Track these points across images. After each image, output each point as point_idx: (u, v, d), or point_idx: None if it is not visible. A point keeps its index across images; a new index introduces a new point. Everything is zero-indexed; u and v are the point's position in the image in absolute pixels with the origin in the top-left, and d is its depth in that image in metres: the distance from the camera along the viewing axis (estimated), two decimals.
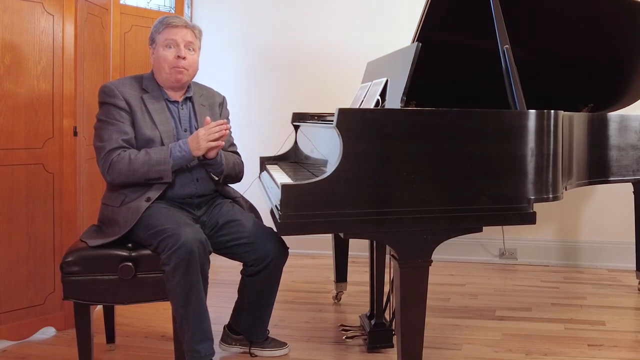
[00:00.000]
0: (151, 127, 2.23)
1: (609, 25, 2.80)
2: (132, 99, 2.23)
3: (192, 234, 2.03)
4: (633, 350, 2.50)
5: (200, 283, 2.05)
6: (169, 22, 2.28)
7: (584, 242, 3.84)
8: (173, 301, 2.06)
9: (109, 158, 2.15)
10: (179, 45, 2.26)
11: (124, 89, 2.24)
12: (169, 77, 2.28)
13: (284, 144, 3.02)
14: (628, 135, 2.89)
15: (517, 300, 3.15)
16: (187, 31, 2.29)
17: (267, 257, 2.27)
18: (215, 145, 2.19)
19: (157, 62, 2.30)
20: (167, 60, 2.26)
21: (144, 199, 2.16)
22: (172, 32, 2.26)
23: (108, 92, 2.22)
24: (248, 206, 2.47)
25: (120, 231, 2.12)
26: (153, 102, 2.27)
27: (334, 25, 4.07)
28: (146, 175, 2.15)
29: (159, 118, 2.26)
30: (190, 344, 2.06)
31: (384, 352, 2.45)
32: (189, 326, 2.05)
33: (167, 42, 2.27)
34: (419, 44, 2.00)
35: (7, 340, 2.50)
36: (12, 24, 2.41)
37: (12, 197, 2.45)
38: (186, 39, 2.28)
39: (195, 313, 2.05)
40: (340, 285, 3.10)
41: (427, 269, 1.87)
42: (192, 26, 2.34)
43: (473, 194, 1.85)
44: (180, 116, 2.33)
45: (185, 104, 2.36)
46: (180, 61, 2.26)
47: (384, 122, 1.80)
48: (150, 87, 2.30)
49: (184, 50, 2.27)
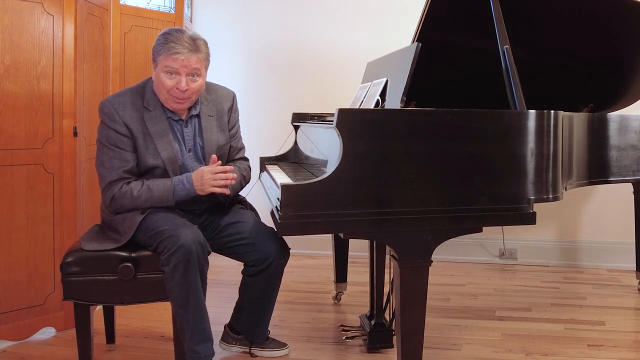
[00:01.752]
0: (153, 155, 2.15)
1: (609, 25, 2.80)
2: (132, 123, 2.13)
3: (191, 235, 2.03)
4: (633, 350, 2.50)
5: (199, 284, 2.05)
6: (170, 49, 2.07)
7: (584, 242, 3.84)
8: (173, 301, 2.07)
9: (110, 192, 2.14)
10: (180, 74, 2.09)
11: (125, 113, 2.13)
12: (167, 101, 2.16)
13: (284, 144, 3.02)
14: (628, 135, 2.89)
15: (517, 300, 3.15)
16: (191, 57, 2.09)
17: (269, 258, 2.27)
18: (219, 192, 2.14)
19: (157, 82, 2.15)
20: (166, 87, 2.11)
21: (139, 212, 2.15)
22: (173, 61, 2.08)
23: (108, 115, 2.13)
24: (250, 209, 2.46)
25: (121, 238, 2.13)
26: (155, 124, 2.16)
27: (334, 25, 4.07)
28: (146, 207, 2.15)
29: (161, 143, 2.16)
30: (190, 344, 2.06)
31: (384, 353, 2.45)
32: (188, 327, 2.06)
33: (167, 68, 2.10)
34: (419, 44, 2.00)
35: (7, 341, 2.50)
36: (12, 24, 2.41)
37: (12, 197, 2.45)
38: (190, 67, 2.09)
39: (195, 313, 2.05)
40: (340, 286, 3.10)
41: (427, 269, 1.87)
42: (197, 49, 2.11)
43: (473, 194, 1.85)
44: (184, 136, 2.23)
45: (190, 121, 2.25)
46: (180, 93, 2.12)
47: (384, 122, 1.80)
48: (152, 103, 2.17)
49: (184, 81, 2.09)
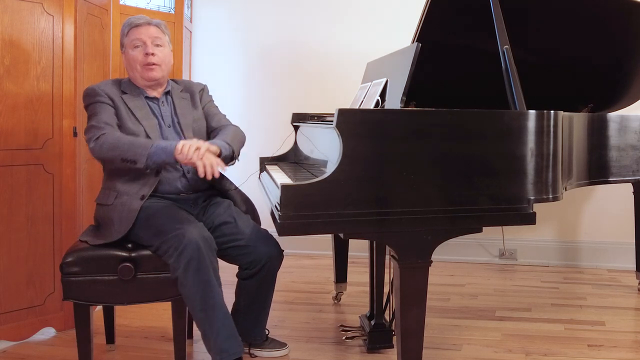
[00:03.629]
0: (134, 122, 2.23)
1: (609, 26, 2.80)
2: (114, 96, 2.25)
3: (195, 230, 2.02)
4: (633, 350, 2.50)
5: (214, 280, 2.02)
6: (132, 22, 2.31)
7: (584, 242, 3.84)
8: (192, 308, 2.02)
9: (99, 131, 2.13)
10: (146, 42, 2.27)
11: (106, 89, 2.25)
12: (142, 75, 2.29)
13: (284, 144, 3.02)
14: (628, 135, 2.89)
15: (517, 300, 3.15)
16: (152, 28, 2.30)
17: (261, 261, 2.26)
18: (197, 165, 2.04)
19: (128, 64, 2.31)
20: (138, 59, 2.27)
21: (138, 197, 2.14)
22: (137, 32, 2.28)
23: (91, 93, 2.24)
24: (243, 199, 2.43)
25: (118, 230, 2.11)
26: (133, 100, 2.28)
27: (334, 25, 4.07)
28: (123, 155, 2.07)
29: (140, 114, 2.26)
30: (218, 343, 2.02)
31: (384, 353, 2.45)
32: (212, 329, 2.01)
33: (134, 42, 2.28)
34: (418, 44, 2.00)
35: (7, 341, 2.50)
36: (12, 24, 2.41)
37: (12, 198, 2.45)
38: (152, 35, 2.29)
39: (217, 311, 2.01)
40: (340, 286, 3.10)
41: (427, 269, 1.87)
42: (157, 22, 2.35)
43: (473, 194, 1.85)
44: (162, 113, 2.32)
45: (166, 99, 2.36)
46: (150, 57, 2.27)
47: (384, 122, 1.79)
48: (129, 88, 2.31)
49: (151, 47, 2.27)
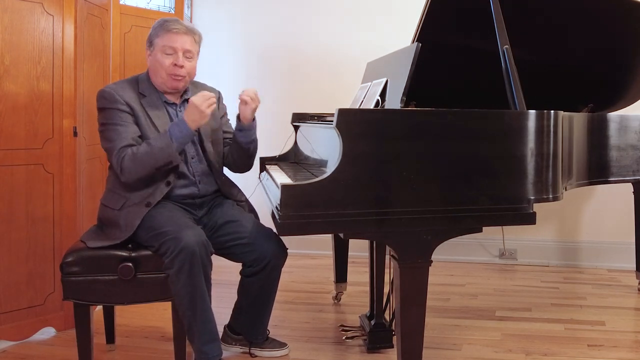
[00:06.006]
0: (153, 131, 2.20)
1: (609, 26, 2.80)
2: (132, 102, 2.20)
3: (193, 236, 2.03)
4: (633, 350, 2.50)
5: (204, 285, 2.06)
6: (169, 27, 2.24)
7: (584, 242, 3.84)
8: (179, 304, 2.07)
9: (120, 157, 2.11)
10: (178, 53, 2.23)
11: (124, 93, 2.20)
12: (165, 82, 2.25)
13: (284, 144, 3.02)
14: (628, 135, 2.89)
15: (517, 300, 3.15)
16: (187, 38, 2.25)
17: (266, 258, 2.27)
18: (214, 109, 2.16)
19: (153, 65, 2.26)
20: (165, 66, 2.23)
21: (144, 204, 2.15)
22: (171, 39, 2.22)
23: (109, 98, 2.18)
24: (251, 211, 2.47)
25: (122, 234, 2.12)
26: (152, 109, 2.24)
27: (334, 26, 4.07)
28: (155, 165, 2.11)
29: (160, 122, 2.23)
30: (198, 345, 2.08)
31: (384, 353, 2.45)
32: (196, 328, 2.07)
33: (165, 49, 2.23)
34: (419, 44, 2.00)
35: (7, 341, 2.50)
36: (12, 24, 2.41)
37: (12, 198, 2.45)
38: (185, 47, 2.24)
39: (201, 315, 2.06)
40: (340, 286, 3.10)
41: (427, 269, 1.87)
42: (193, 31, 2.29)
43: (473, 194, 1.85)
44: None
45: (184, 106, 2.32)
46: (178, 69, 2.23)
47: (384, 122, 1.79)
48: (147, 90, 2.27)
49: (182, 59, 2.23)
